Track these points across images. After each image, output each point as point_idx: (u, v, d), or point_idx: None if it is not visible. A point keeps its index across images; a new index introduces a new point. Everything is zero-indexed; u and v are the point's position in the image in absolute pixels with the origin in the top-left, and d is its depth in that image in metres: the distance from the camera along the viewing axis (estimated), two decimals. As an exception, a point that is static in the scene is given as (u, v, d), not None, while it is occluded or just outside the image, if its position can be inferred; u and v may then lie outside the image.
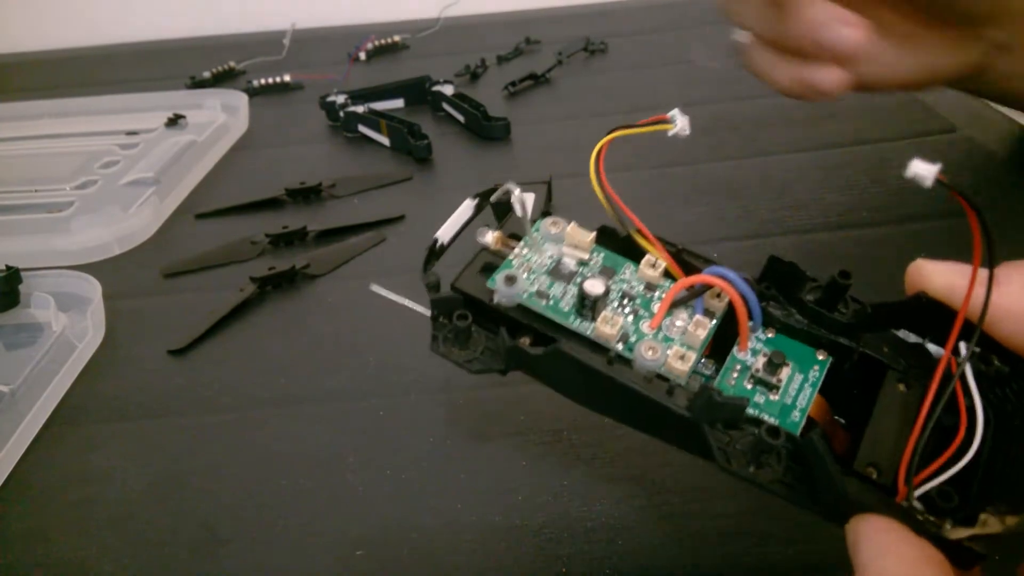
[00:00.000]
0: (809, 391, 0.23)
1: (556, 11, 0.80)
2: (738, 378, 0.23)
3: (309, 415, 0.35)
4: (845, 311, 0.24)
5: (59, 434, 0.36)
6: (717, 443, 0.21)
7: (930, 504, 0.20)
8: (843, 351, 0.24)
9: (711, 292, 0.24)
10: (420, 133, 0.55)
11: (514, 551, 0.29)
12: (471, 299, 0.25)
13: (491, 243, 0.26)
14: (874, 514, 0.19)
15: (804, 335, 0.24)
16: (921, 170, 0.19)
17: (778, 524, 0.28)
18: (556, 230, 0.26)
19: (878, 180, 0.47)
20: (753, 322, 0.24)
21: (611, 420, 0.32)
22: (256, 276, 0.43)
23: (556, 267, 0.25)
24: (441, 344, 0.25)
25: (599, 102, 0.60)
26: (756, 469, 0.21)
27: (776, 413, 0.22)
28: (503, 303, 0.24)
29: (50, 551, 0.31)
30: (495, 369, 0.24)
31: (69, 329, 0.40)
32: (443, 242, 0.26)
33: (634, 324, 0.24)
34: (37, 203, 0.53)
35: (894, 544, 0.19)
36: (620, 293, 0.25)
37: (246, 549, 0.30)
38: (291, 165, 0.56)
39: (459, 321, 0.24)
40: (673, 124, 0.24)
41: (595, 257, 0.26)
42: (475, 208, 0.27)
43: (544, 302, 0.24)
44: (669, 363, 0.22)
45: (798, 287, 0.25)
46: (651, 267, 0.25)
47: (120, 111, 0.64)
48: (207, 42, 0.80)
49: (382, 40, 0.74)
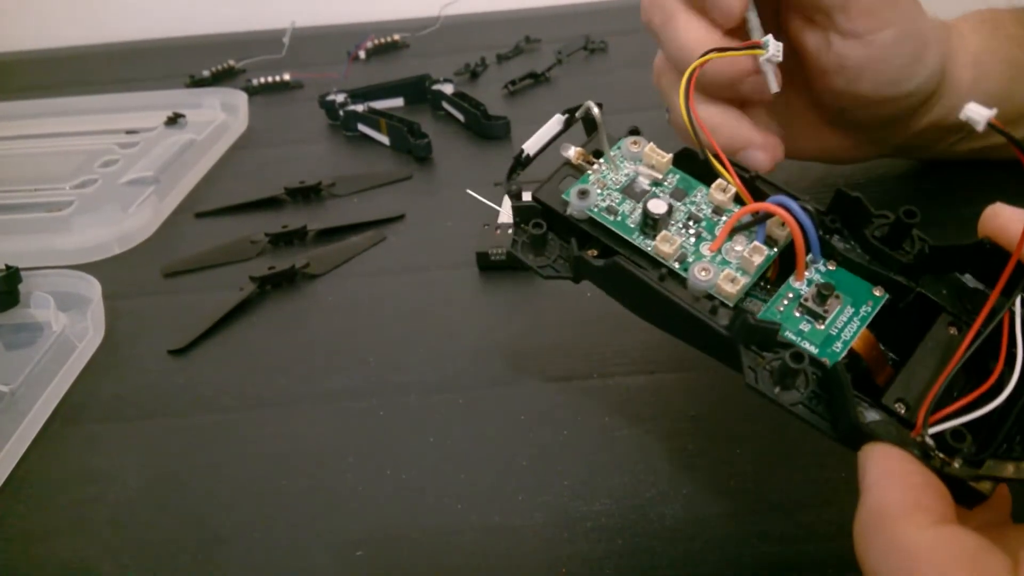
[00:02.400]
0: (856, 324, 0.23)
1: (556, 10, 0.80)
2: (788, 305, 0.24)
3: (309, 415, 0.35)
4: (909, 250, 0.24)
5: (59, 434, 0.36)
6: (748, 362, 0.22)
7: (943, 444, 0.20)
8: (902, 289, 0.24)
9: (775, 221, 0.24)
10: (420, 132, 0.55)
11: (514, 551, 0.29)
12: (549, 209, 0.26)
13: (573, 158, 0.27)
14: (885, 442, 0.20)
15: (864, 270, 0.25)
16: (974, 114, 0.19)
17: (778, 524, 0.28)
18: (636, 149, 0.27)
19: (877, 180, 0.47)
20: (812, 253, 0.24)
21: (611, 420, 0.32)
22: (256, 276, 0.43)
23: (630, 185, 0.26)
24: (519, 248, 0.26)
25: (599, 101, 0.60)
26: (781, 391, 0.22)
27: (819, 342, 0.23)
28: (575, 215, 0.26)
29: (50, 551, 0.31)
30: (565, 276, 0.26)
31: (69, 329, 0.40)
32: (529, 153, 0.27)
33: (695, 245, 0.25)
34: (37, 202, 0.53)
35: (899, 468, 0.19)
36: (687, 214, 0.26)
37: (246, 549, 0.30)
38: (291, 164, 0.56)
39: (535, 229, 0.26)
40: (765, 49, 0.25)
41: (670, 178, 0.27)
42: (563, 123, 0.28)
43: (613, 217, 0.25)
44: (719, 285, 0.23)
45: (864, 222, 0.25)
46: (721, 191, 0.26)
47: (119, 110, 0.64)
48: (207, 41, 0.80)
49: (382, 39, 0.74)
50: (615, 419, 0.33)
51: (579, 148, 0.27)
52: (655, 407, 0.33)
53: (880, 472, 0.19)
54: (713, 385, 0.34)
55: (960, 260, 0.24)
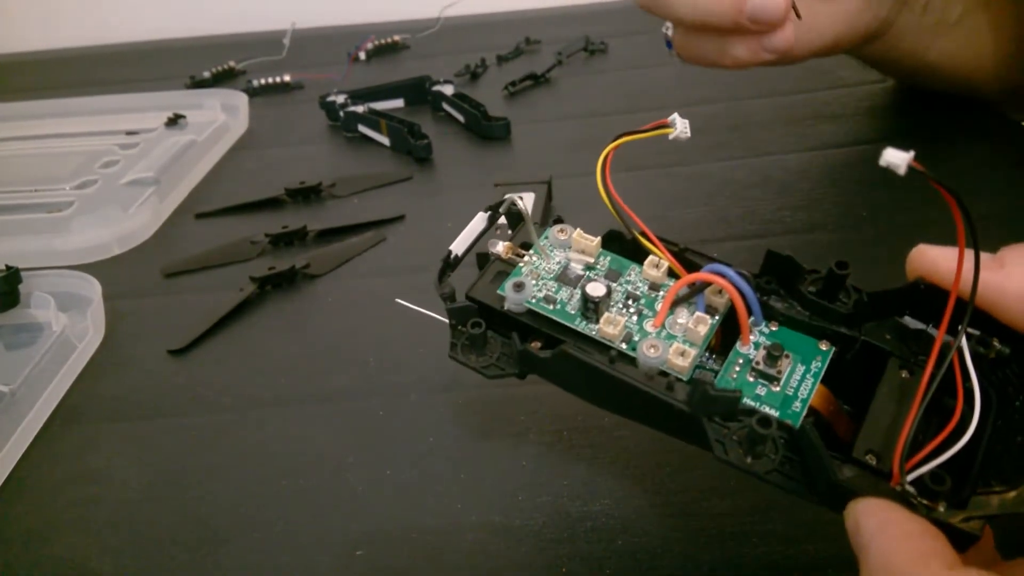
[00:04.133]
0: (811, 382, 0.23)
1: (556, 11, 0.80)
2: (740, 372, 0.24)
3: (309, 415, 0.35)
4: (847, 300, 0.24)
5: (59, 434, 0.36)
6: (715, 435, 0.22)
7: (923, 488, 0.20)
8: (846, 340, 0.24)
9: (712, 289, 0.24)
10: (420, 133, 0.55)
11: (514, 551, 0.29)
12: (485, 307, 0.26)
13: (502, 253, 0.27)
14: (871, 496, 0.20)
15: (806, 327, 0.25)
16: (894, 158, 0.18)
17: (778, 524, 0.28)
18: (563, 237, 0.27)
19: (878, 180, 0.47)
20: (754, 317, 0.24)
21: (611, 420, 0.32)
22: (256, 276, 0.43)
23: (564, 272, 0.26)
24: (460, 351, 0.25)
25: (599, 102, 0.60)
26: (753, 460, 0.21)
27: (778, 404, 0.23)
28: (513, 309, 0.25)
29: (50, 551, 0.31)
30: (510, 373, 0.25)
31: (69, 329, 0.40)
32: (457, 254, 0.27)
33: (639, 323, 0.24)
34: (37, 203, 0.53)
35: (895, 520, 0.19)
36: (625, 294, 0.25)
37: (246, 549, 0.30)
38: (291, 165, 0.56)
39: (473, 329, 0.25)
40: (673, 128, 0.24)
41: (602, 261, 0.27)
42: (488, 220, 0.28)
43: (551, 306, 0.25)
44: (670, 360, 0.23)
45: (798, 279, 0.25)
46: (655, 267, 0.26)
47: (120, 111, 0.64)
48: (207, 42, 0.80)
49: (382, 40, 0.74)
50: (615, 419, 0.33)
51: (507, 243, 0.27)
52: (655, 407, 0.33)
53: (876, 527, 0.19)
54: (713, 385, 0.34)
55: (898, 303, 0.24)
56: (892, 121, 0.54)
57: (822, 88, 0.59)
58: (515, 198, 0.27)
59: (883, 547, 0.18)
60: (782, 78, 0.62)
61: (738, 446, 0.21)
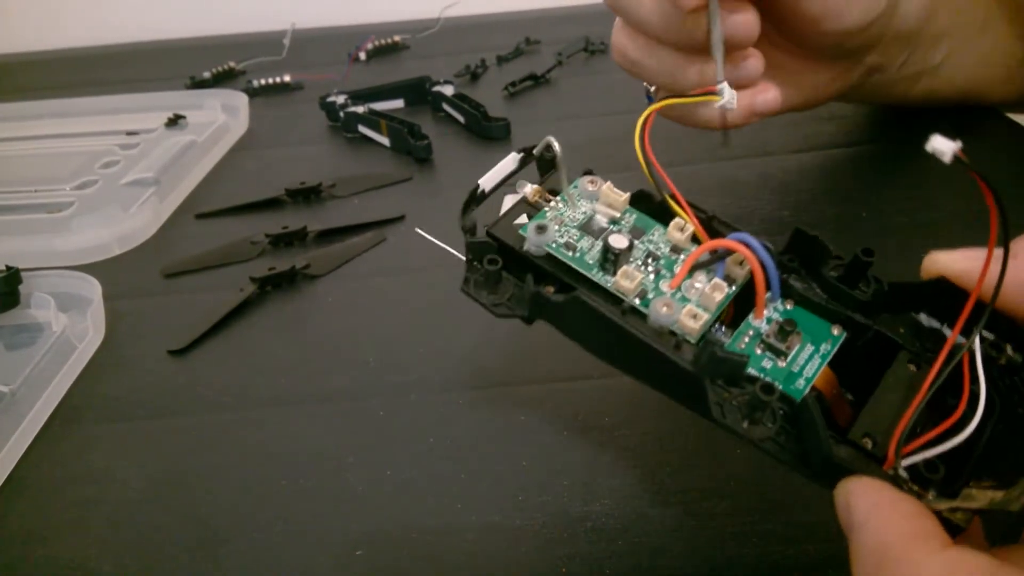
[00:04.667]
0: (818, 362, 0.23)
1: (556, 11, 0.80)
2: (749, 343, 0.24)
3: (309, 415, 0.35)
4: (866, 289, 0.24)
5: (59, 434, 0.36)
6: (715, 398, 0.22)
7: (916, 475, 0.20)
8: (859, 328, 0.24)
9: (733, 259, 0.24)
10: (420, 133, 0.55)
11: (514, 551, 0.29)
12: (504, 245, 0.26)
13: (529, 195, 0.27)
14: (864, 475, 0.20)
15: (822, 309, 0.25)
16: (941, 145, 0.19)
17: (778, 524, 0.28)
18: (593, 188, 0.27)
19: (878, 180, 0.47)
20: (771, 292, 0.24)
21: (611, 420, 0.32)
22: (256, 276, 0.43)
23: (588, 223, 0.26)
24: (472, 286, 0.26)
25: (599, 102, 0.60)
26: (750, 425, 0.21)
27: (781, 379, 0.23)
28: (532, 251, 0.25)
29: (50, 551, 0.31)
30: (519, 315, 0.25)
31: (69, 329, 0.40)
32: (484, 189, 0.27)
33: (655, 282, 0.25)
34: (37, 203, 0.53)
35: (889, 500, 0.19)
36: (645, 252, 0.25)
37: (246, 549, 0.30)
38: (291, 165, 0.56)
39: (490, 265, 0.25)
40: (720, 96, 0.24)
41: (627, 217, 0.27)
42: (519, 162, 0.28)
43: (571, 253, 0.25)
44: (681, 320, 0.23)
45: (821, 262, 0.25)
46: (679, 230, 0.26)
47: (120, 111, 0.64)
48: (207, 42, 0.80)
49: (382, 40, 0.74)
50: (615, 419, 0.33)
51: (536, 185, 0.27)
52: (655, 407, 0.33)
53: (870, 506, 0.19)
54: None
55: (917, 298, 0.24)
56: (892, 121, 0.54)
57: (822, 88, 0.59)
58: (551, 140, 0.27)
59: (878, 526, 0.18)
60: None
61: (737, 412, 0.22)
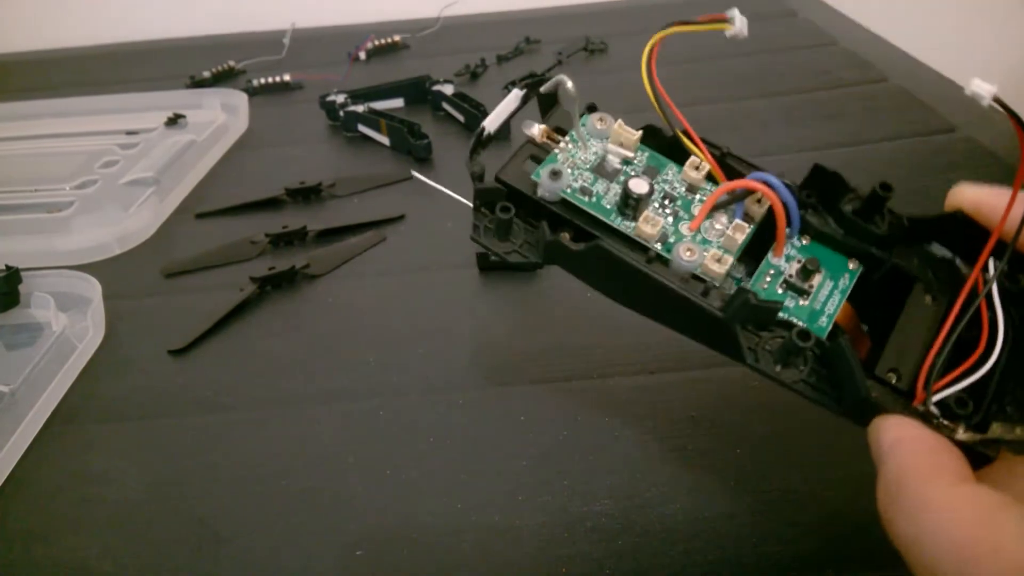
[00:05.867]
0: (838, 298, 0.24)
1: (556, 11, 0.80)
2: (771, 282, 0.24)
3: (309, 415, 0.35)
4: (882, 223, 0.24)
5: (59, 434, 0.36)
6: (747, 343, 0.22)
7: (945, 410, 0.20)
8: (874, 261, 0.24)
9: (752, 197, 0.24)
10: (420, 133, 0.55)
11: (514, 551, 0.29)
12: (514, 191, 0.25)
13: (537, 136, 0.26)
14: (895, 413, 0.20)
15: (838, 244, 0.25)
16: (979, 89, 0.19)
17: (778, 524, 0.28)
18: (602, 126, 0.26)
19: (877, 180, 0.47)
20: (791, 229, 0.24)
21: (612, 420, 0.32)
22: (256, 276, 0.43)
23: (600, 164, 0.25)
24: (482, 234, 0.25)
25: (599, 102, 0.60)
26: (782, 369, 0.22)
27: (805, 317, 0.23)
28: (546, 197, 0.24)
29: (50, 551, 0.31)
30: (532, 262, 0.24)
31: (69, 329, 0.40)
32: (490, 131, 0.26)
33: (674, 225, 0.24)
34: (37, 203, 0.53)
35: (913, 435, 0.20)
36: (662, 194, 0.25)
37: (246, 549, 0.30)
38: (291, 165, 0.56)
39: (501, 213, 0.24)
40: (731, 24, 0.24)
41: (639, 156, 0.26)
42: (522, 99, 0.27)
43: (588, 198, 0.24)
44: (706, 265, 0.23)
45: (839, 197, 0.25)
46: (695, 169, 0.25)
47: (120, 111, 0.64)
48: (207, 42, 0.80)
49: (382, 40, 0.74)
50: (615, 419, 0.33)
51: (543, 125, 0.26)
52: (655, 407, 0.33)
53: (895, 439, 0.20)
54: (713, 385, 0.34)
55: (931, 231, 0.24)
56: (892, 121, 0.54)
57: (822, 88, 0.59)
58: (564, 79, 0.25)
59: (898, 459, 0.19)
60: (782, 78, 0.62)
61: (769, 355, 0.22)
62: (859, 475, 0.24)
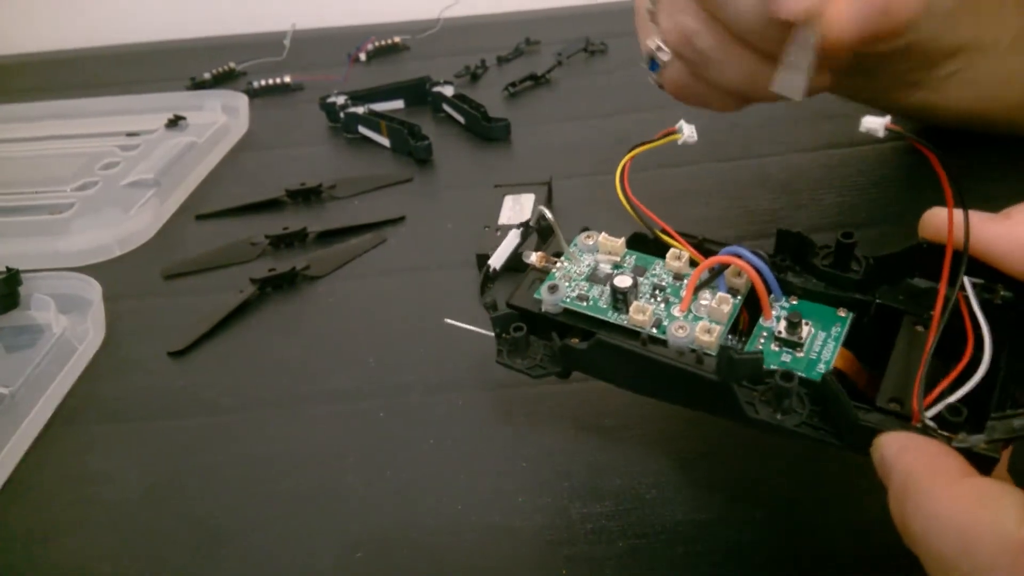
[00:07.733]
0: (832, 345, 0.25)
1: (556, 11, 0.80)
2: (765, 343, 0.25)
3: (309, 415, 0.35)
4: (858, 268, 0.26)
5: (59, 435, 0.36)
6: (744, 398, 0.23)
7: (943, 422, 0.21)
8: (862, 305, 0.26)
9: (732, 271, 0.26)
10: (420, 134, 0.55)
11: (514, 553, 0.29)
12: (525, 312, 0.28)
13: (535, 261, 0.29)
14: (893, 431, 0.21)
15: (824, 296, 0.26)
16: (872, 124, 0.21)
17: (778, 524, 0.28)
18: (590, 242, 0.29)
19: (878, 180, 0.47)
20: (773, 293, 0.26)
21: (612, 422, 0.32)
22: (256, 277, 0.43)
23: (593, 273, 0.28)
24: (505, 356, 0.28)
25: (599, 102, 0.60)
26: (782, 416, 0.23)
27: (803, 368, 0.24)
28: (550, 310, 0.28)
29: (50, 551, 0.31)
30: (554, 372, 0.27)
31: (69, 331, 0.40)
32: (495, 268, 0.30)
33: (666, 310, 0.26)
34: (37, 205, 0.53)
35: (913, 444, 0.20)
36: (652, 286, 0.28)
37: (246, 549, 0.30)
38: (291, 166, 0.56)
39: (516, 332, 0.27)
40: (680, 134, 0.27)
41: (628, 259, 0.29)
42: (521, 235, 0.31)
43: (585, 303, 0.27)
44: (698, 337, 0.25)
45: (810, 254, 0.27)
46: (676, 259, 0.28)
47: (120, 112, 0.64)
48: (207, 43, 0.80)
49: (382, 41, 0.74)
50: (615, 420, 0.33)
51: (539, 252, 0.29)
52: (655, 408, 0.33)
53: (899, 449, 0.20)
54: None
55: (906, 265, 0.26)
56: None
57: (822, 88, 0.59)
58: (544, 211, 0.29)
59: (903, 466, 0.20)
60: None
61: (767, 405, 0.23)
62: (862, 483, 0.24)
